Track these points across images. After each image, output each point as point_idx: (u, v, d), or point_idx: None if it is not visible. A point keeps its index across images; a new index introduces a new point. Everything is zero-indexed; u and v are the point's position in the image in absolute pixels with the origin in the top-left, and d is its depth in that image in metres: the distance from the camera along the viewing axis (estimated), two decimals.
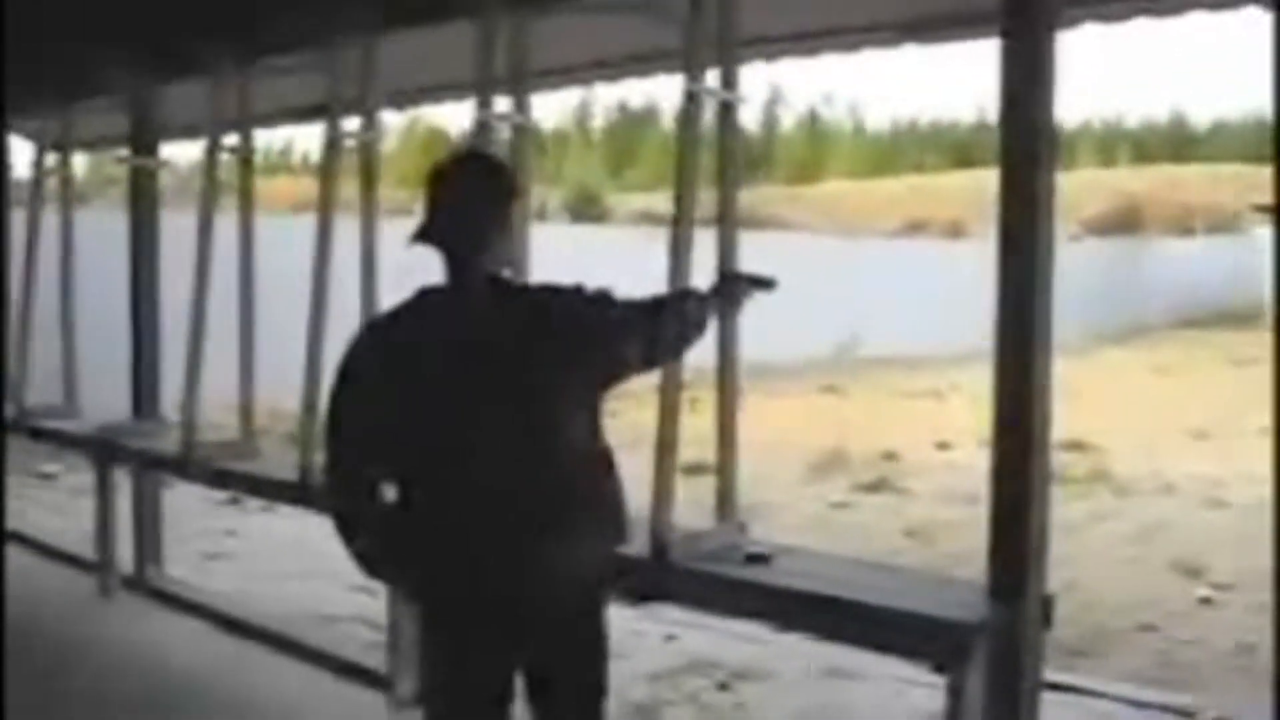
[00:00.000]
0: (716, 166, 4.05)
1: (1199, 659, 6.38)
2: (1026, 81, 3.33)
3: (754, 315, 3.57)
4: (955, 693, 3.23)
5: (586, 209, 43.23)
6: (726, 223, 4.01)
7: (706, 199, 3.97)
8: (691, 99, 3.90)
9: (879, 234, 37.27)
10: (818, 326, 20.32)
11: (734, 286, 3.36)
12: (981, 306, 3.36)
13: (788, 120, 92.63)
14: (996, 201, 3.37)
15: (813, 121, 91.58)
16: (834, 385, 18.20)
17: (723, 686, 5.51)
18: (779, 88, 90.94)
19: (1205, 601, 7.44)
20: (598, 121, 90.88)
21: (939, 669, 3.26)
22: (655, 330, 3.01)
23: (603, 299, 2.94)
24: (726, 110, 4.02)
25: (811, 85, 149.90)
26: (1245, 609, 7.26)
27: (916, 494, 10.61)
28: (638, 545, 3.70)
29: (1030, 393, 3.31)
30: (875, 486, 10.84)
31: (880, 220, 43.52)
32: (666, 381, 3.79)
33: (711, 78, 3.99)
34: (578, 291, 2.93)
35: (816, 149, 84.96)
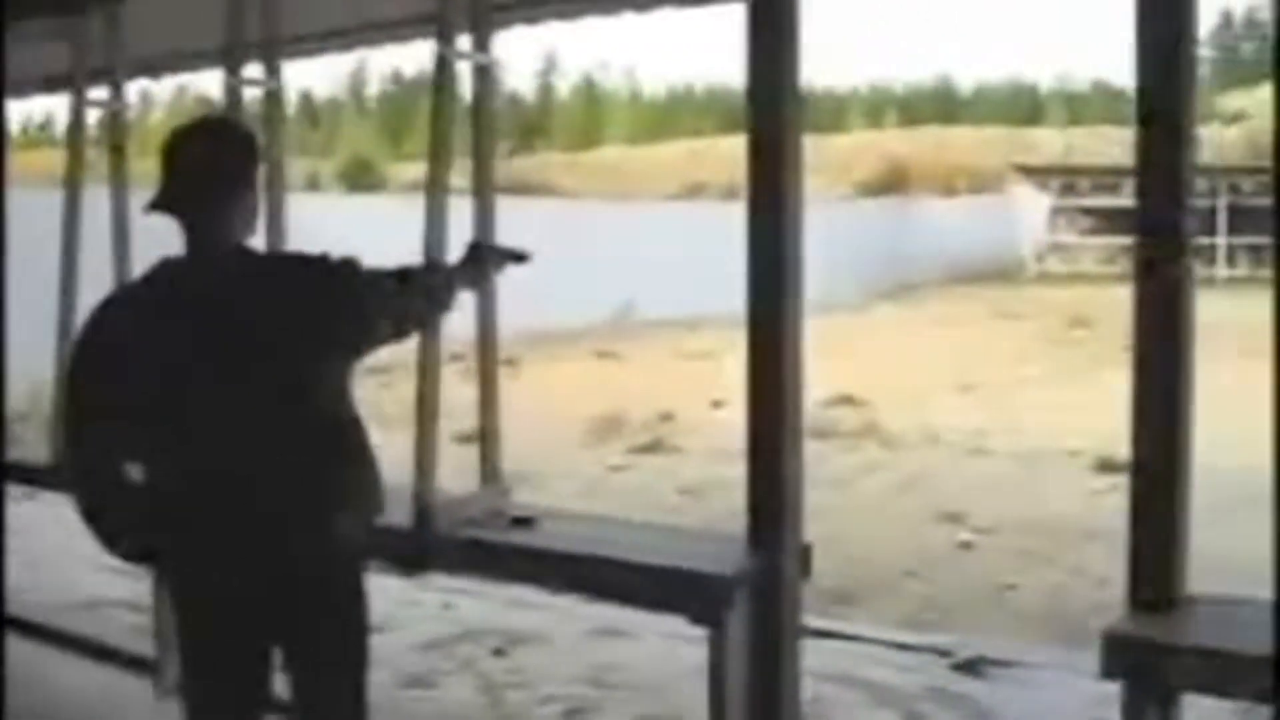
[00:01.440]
0: (472, 133, 4.03)
1: (959, 601, 6.65)
2: (771, 43, 3.39)
3: (531, 283, 3.58)
4: (717, 644, 3.30)
5: (361, 179, 42.65)
6: (483, 190, 3.99)
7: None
8: (443, 63, 3.87)
9: (657, 198, 37.62)
10: (596, 292, 20.45)
11: (483, 258, 3.36)
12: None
13: (564, 87, 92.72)
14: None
15: (589, 88, 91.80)
16: (612, 350, 18.35)
17: (498, 653, 5.53)
18: (554, 55, 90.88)
19: (965, 546, 7.75)
20: (372, 90, 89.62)
21: (696, 621, 3.32)
22: (402, 302, 2.99)
23: (348, 268, 2.90)
24: (481, 75, 3.99)
25: (587, 52, 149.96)
26: (1003, 552, 7.60)
27: (692, 453, 10.79)
28: (402, 512, 3.70)
29: (782, 349, 3.38)
30: (651, 448, 10.99)
31: (658, 185, 43.95)
32: (425, 348, 3.76)
33: (466, 42, 3.96)
34: (323, 260, 2.88)
35: (593, 115, 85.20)
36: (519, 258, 3.37)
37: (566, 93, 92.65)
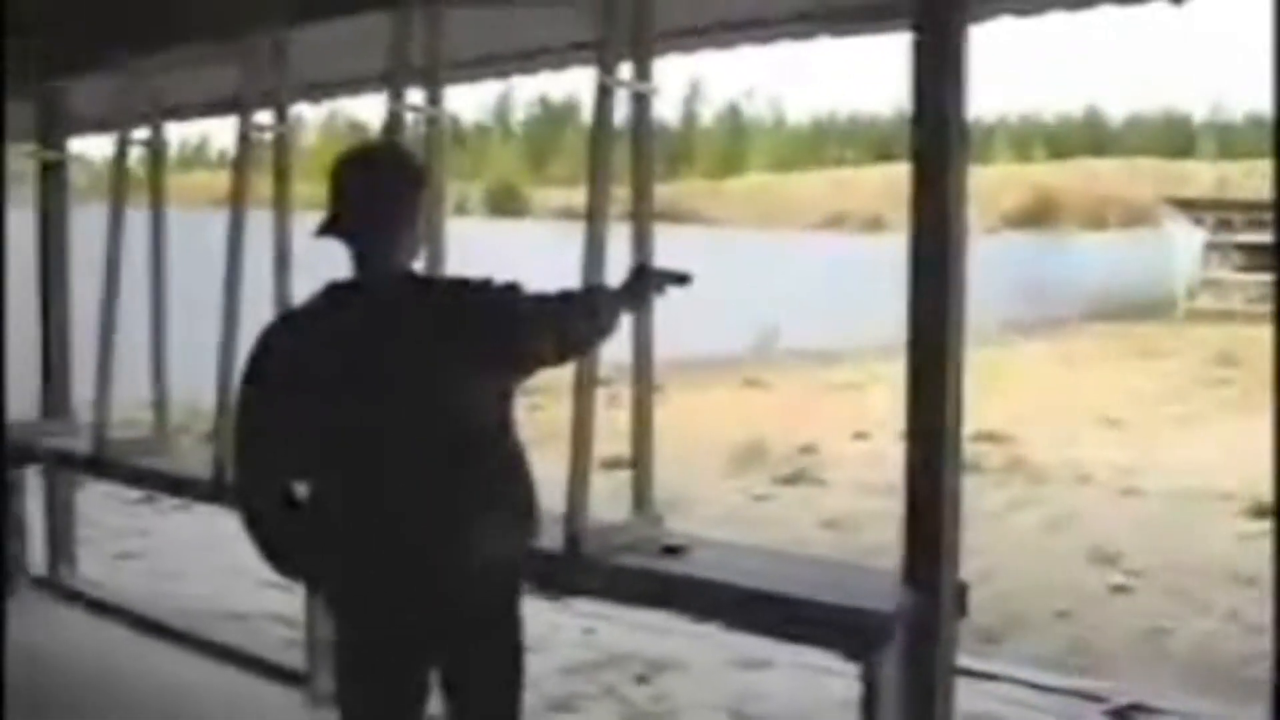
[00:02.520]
0: (631, 160, 4.05)
1: (1111, 645, 6.48)
2: (938, 75, 3.35)
3: (675, 310, 3.58)
4: (870, 681, 3.26)
5: (506, 204, 43.15)
6: (641, 216, 4.01)
7: (625, 194, 3.98)
8: (604, 91, 3.90)
9: (800, 227, 37.48)
10: (739, 320, 20.42)
11: (645, 282, 3.37)
12: (901, 299, 3.39)
13: (708, 115, 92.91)
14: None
15: (733, 115, 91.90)
16: (755, 379, 18.30)
17: (640, 679, 5.53)
18: (698, 82, 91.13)
19: (1118, 589, 7.56)
20: (518, 115, 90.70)
21: (850, 657, 3.28)
22: (565, 325, 3.00)
23: (512, 292, 2.92)
24: (640, 103, 4.01)
25: (732, 80, 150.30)
26: (1156, 596, 7.40)
27: (835, 485, 10.70)
28: (552, 538, 3.72)
29: (943, 385, 3.34)
30: (794, 479, 10.91)
31: (801, 214, 43.75)
32: (581, 375, 3.79)
33: (626, 70, 3.98)
34: (487, 285, 2.91)
35: (737, 143, 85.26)
36: (681, 279, 3.36)
37: (711, 120, 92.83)
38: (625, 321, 3.62)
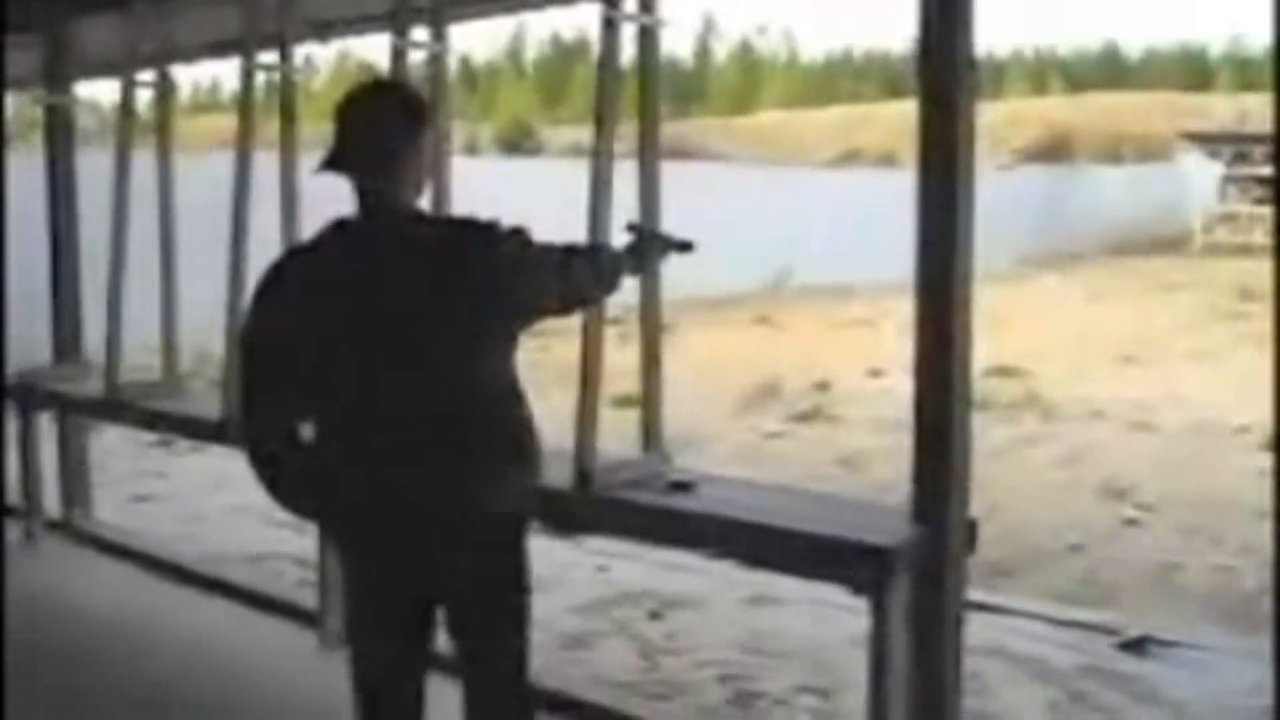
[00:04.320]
0: (638, 96, 4.02)
1: (1123, 578, 6.50)
2: (944, 9, 3.32)
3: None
4: (879, 615, 3.27)
5: (520, 142, 43.03)
6: (648, 153, 3.98)
7: (635, 130, 3.95)
8: (609, 25, 3.86)
9: (814, 164, 37.34)
10: (752, 257, 20.36)
11: (651, 246, 3.37)
12: (914, 234, 3.37)
13: (721, 51, 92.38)
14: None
15: (746, 52, 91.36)
16: (768, 316, 18.28)
17: (654, 616, 5.55)
18: (711, 18, 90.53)
19: (1130, 523, 7.57)
20: (530, 54, 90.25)
21: (857, 591, 3.29)
22: (569, 276, 2.99)
23: (519, 237, 2.90)
24: (646, 36, 3.97)
25: (745, 16, 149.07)
26: (1169, 530, 7.41)
27: (849, 422, 10.70)
28: (562, 475, 3.73)
29: (951, 320, 3.32)
30: (808, 416, 10.92)
31: (815, 150, 43.59)
32: (589, 314, 3.78)
33: (632, 4, 3.95)
34: (493, 227, 2.89)
35: (750, 79, 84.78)
36: (684, 246, 3.36)
37: (724, 57, 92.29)
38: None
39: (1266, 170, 33.36)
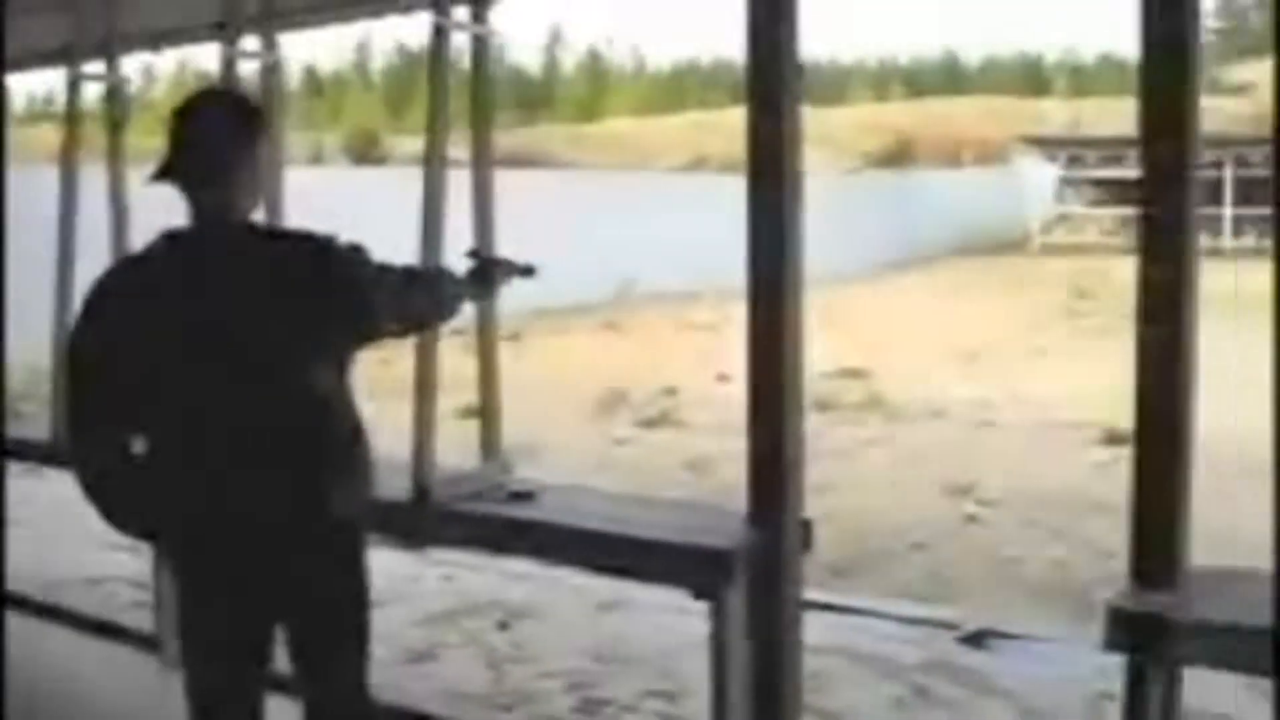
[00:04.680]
0: (470, 105, 4.00)
1: (964, 574, 6.63)
2: (769, 13, 3.35)
3: (536, 255, 3.56)
4: (718, 618, 3.29)
5: (366, 152, 42.60)
6: (482, 163, 3.97)
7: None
8: (439, 33, 3.85)
9: (662, 171, 37.54)
10: (601, 265, 20.41)
11: (490, 272, 3.37)
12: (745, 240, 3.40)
13: (569, 61, 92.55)
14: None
15: (594, 61, 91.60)
16: (616, 323, 18.33)
17: (502, 626, 5.52)
18: (558, 28, 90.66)
19: (972, 519, 7.73)
20: (378, 63, 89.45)
21: (698, 595, 3.31)
22: (406, 298, 2.95)
23: (355, 254, 2.85)
24: (478, 45, 3.96)
25: (592, 27, 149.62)
26: (1009, 525, 7.58)
27: (696, 427, 10.77)
28: (402, 487, 3.69)
29: (783, 323, 3.36)
30: (656, 421, 10.98)
31: (664, 157, 43.82)
32: None
33: (464, 13, 3.93)
34: (329, 243, 2.83)
35: (598, 88, 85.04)
36: (526, 271, 3.37)
37: (571, 66, 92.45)
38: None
39: (1100, 173, 34.36)
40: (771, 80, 3.35)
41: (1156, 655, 2.78)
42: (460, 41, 3.91)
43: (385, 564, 3.24)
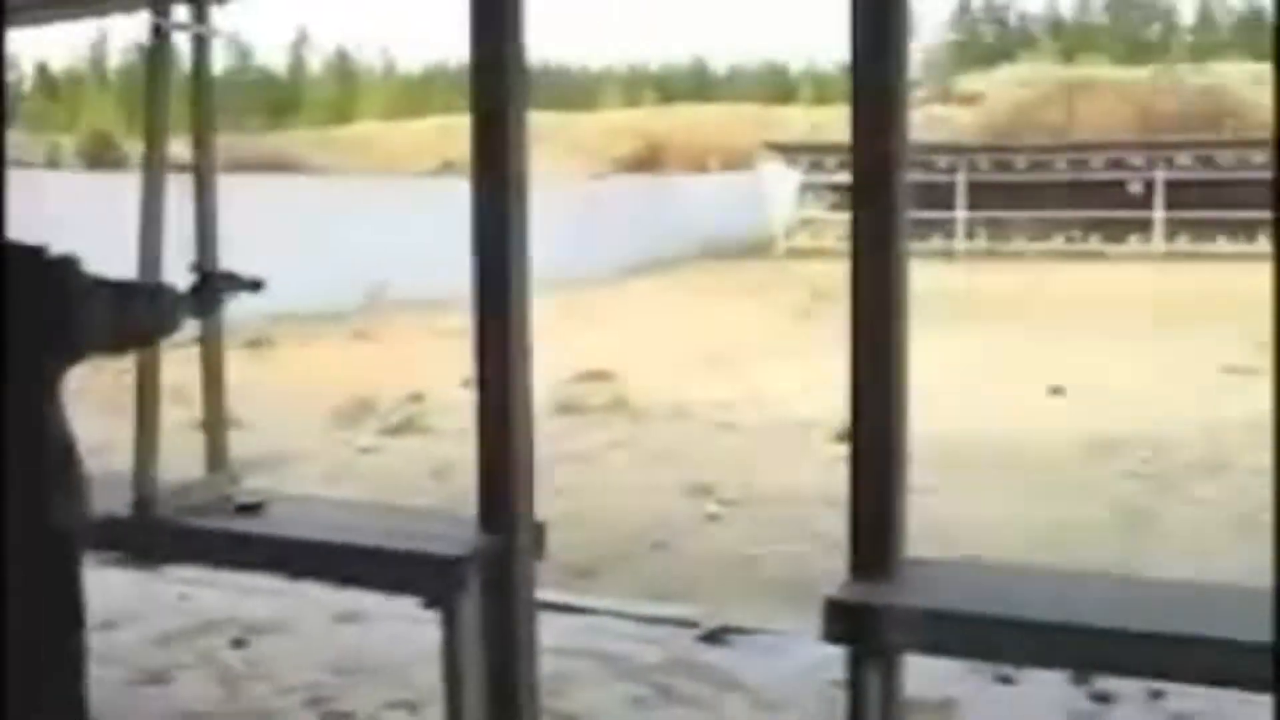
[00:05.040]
0: (190, 107, 3.91)
1: (704, 572, 6.74)
2: (493, 16, 3.36)
3: (284, 262, 3.51)
4: (449, 625, 3.29)
5: (102, 155, 41.05)
6: (204, 166, 3.88)
7: (224, 142, 3.85)
8: (158, 33, 3.74)
9: (412, 174, 37.23)
10: (351, 271, 20.14)
11: (213, 289, 3.28)
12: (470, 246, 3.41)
13: (316, 63, 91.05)
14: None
15: (342, 63, 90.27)
16: (365, 329, 18.10)
17: (238, 643, 5.38)
18: (305, 30, 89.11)
19: (712, 518, 7.87)
20: (114, 61, 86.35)
21: (428, 603, 3.30)
22: (124, 316, 2.86)
23: (66, 267, 2.74)
24: (198, 46, 3.87)
25: (341, 30, 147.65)
26: (748, 523, 7.74)
27: (442, 433, 10.70)
28: (125, 502, 3.58)
29: (509, 328, 3.37)
30: (402, 429, 10.88)
31: (413, 162, 43.44)
32: None
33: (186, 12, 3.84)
34: (39, 252, 2.72)
35: (347, 91, 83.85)
36: (254, 285, 3.30)
37: (319, 68, 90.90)
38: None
39: (839, 178, 35.41)
40: (495, 86, 3.36)
41: (873, 644, 2.89)
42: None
43: (118, 583, 3.12)
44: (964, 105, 44.03)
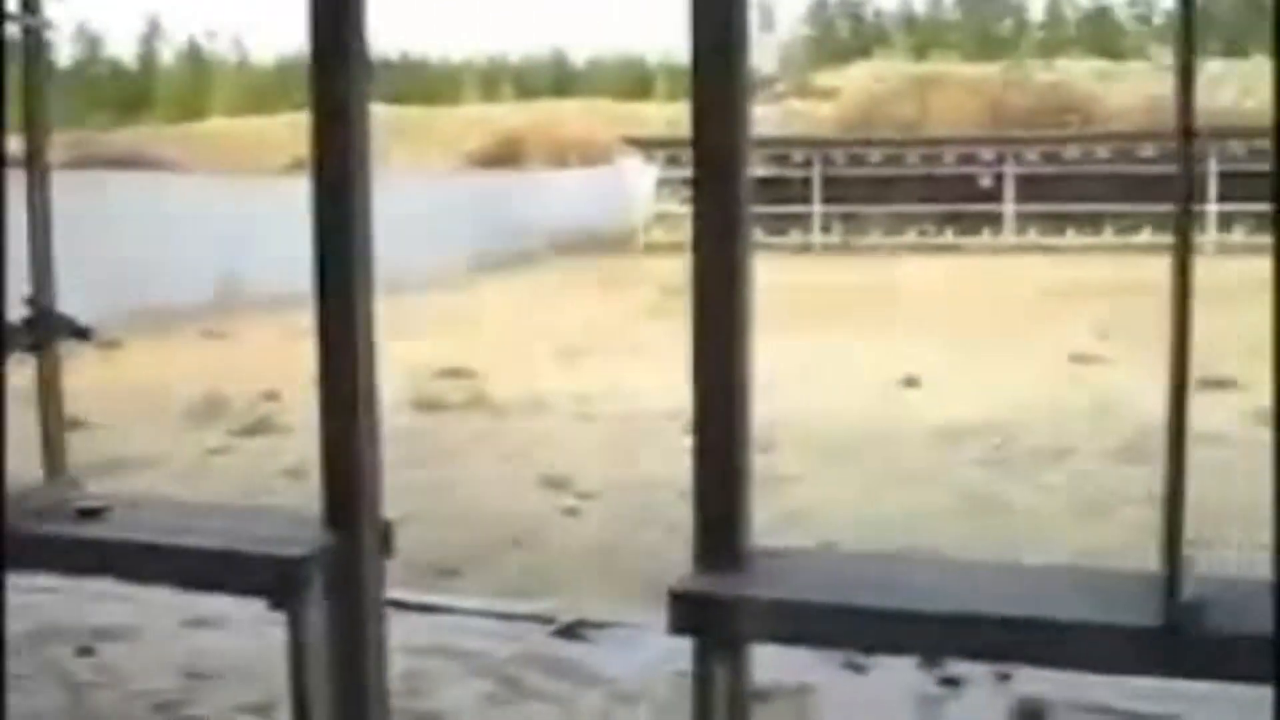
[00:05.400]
0: (24, 102, 3.80)
1: (561, 567, 6.75)
2: (334, 15, 3.33)
3: (136, 260, 3.43)
4: (294, 626, 3.25)
5: None
6: (36, 165, 3.77)
7: (65, 139, 3.74)
8: None
9: (267, 171, 36.68)
10: (204, 269, 19.82)
11: (48, 326, 3.23)
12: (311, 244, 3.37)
13: (168, 54, 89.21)
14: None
15: (195, 55, 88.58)
16: (218, 329, 17.79)
17: (84, 650, 5.26)
18: (157, 20, 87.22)
19: (570, 512, 7.88)
20: None
21: (273, 605, 3.26)
22: None
23: None
24: (30, 38, 3.76)
25: (193, 20, 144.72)
26: (605, 515, 7.77)
27: (297, 432, 10.54)
28: None
29: (353, 326, 3.35)
30: (255, 429, 10.71)
31: (268, 157, 42.80)
32: None
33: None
34: None
35: (200, 85, 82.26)
36: (81, 334, 3.26)
37: (171, 59, 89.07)
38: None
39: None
40: (337, 82, 3.33)
41: (718, 635, 2.91)
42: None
43: None
44: (821, 100, 44.61)
